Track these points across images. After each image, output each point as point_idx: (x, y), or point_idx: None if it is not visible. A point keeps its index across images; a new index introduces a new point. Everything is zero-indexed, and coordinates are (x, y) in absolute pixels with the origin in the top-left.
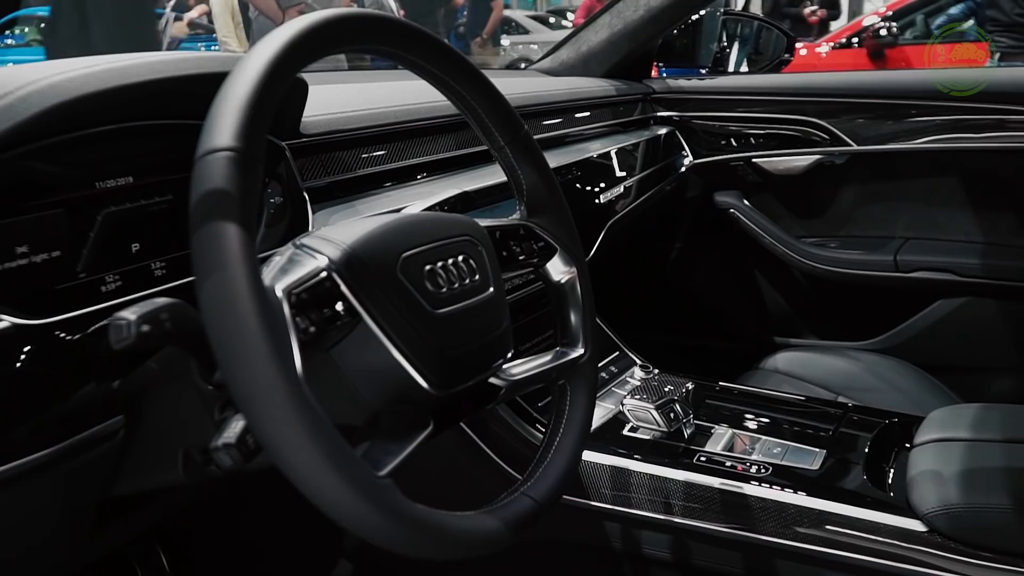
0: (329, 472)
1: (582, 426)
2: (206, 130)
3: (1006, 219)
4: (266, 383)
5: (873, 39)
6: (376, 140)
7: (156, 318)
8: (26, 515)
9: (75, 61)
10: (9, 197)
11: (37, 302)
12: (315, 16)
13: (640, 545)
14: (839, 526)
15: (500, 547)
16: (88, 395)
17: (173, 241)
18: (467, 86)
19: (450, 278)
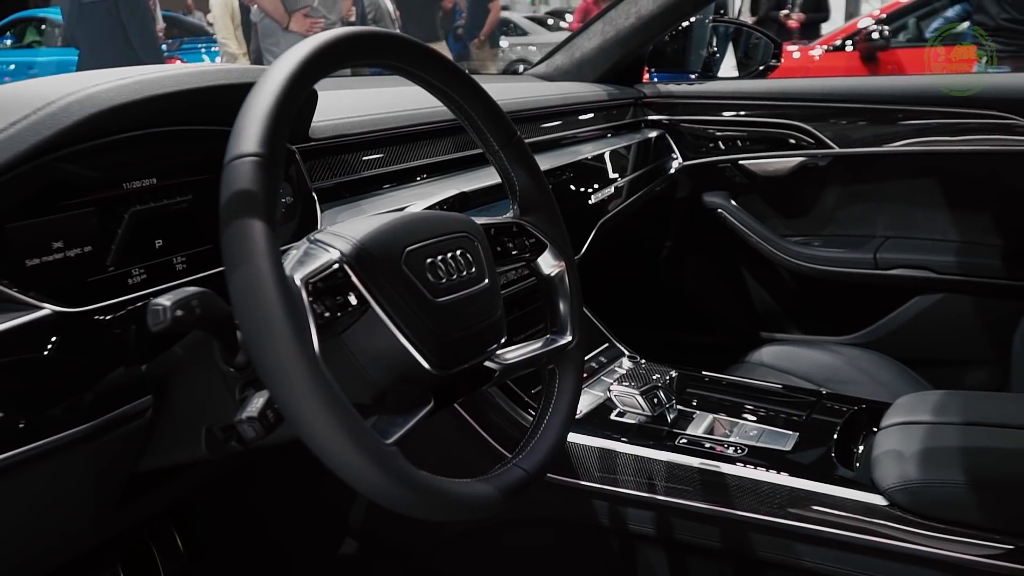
0: (343, 439)
1: (569, 407)
2: (233, 137)
3: (980, 219)
4: (289, 361)
5: (865, 42)
6: (378, 143)
7: (188, 304)
8: (62, 487)
9: (108, 73)
10: (47, 197)
11: (72, 293)
12: (327, 35)
13: (626, 522)
14: (808, 502)
15: (493, 511)
16: (119, 377)
17: (192, 237)
18: (464, 95)
19: (449, 270)
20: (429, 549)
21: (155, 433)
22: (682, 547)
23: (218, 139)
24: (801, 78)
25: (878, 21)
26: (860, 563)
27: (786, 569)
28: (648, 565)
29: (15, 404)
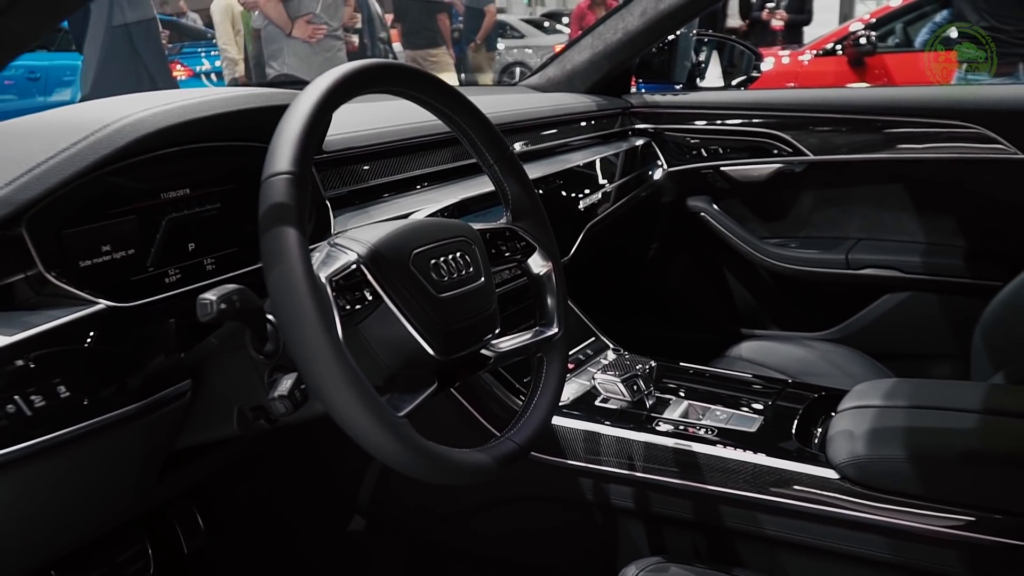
0: (362, 410)
1: (555, 390)
2: (269, 157)
3: (945, 222)
4: (318, 347)
5: (853, 47)
6: (384, 155)
7: (230, 299)
8: (113, 459)
9: (153, 97)
10: (97, 206)
11: (117, 290)
12: (346, 67)
13: (608, 497)
14: (770, 477)
15: (489, 477)
16: (162, 363)
17: (221, 241)
18: (463, 116)
19: (450, 270)
20: (429, 525)
21: (192, 413)
22: (658, 519)
23: (243, 153)
24: (779, 89)
25: (867, 26)
26: (814, 531)
27: (750, 537)
28: (628, 536)
29: (78, 385)
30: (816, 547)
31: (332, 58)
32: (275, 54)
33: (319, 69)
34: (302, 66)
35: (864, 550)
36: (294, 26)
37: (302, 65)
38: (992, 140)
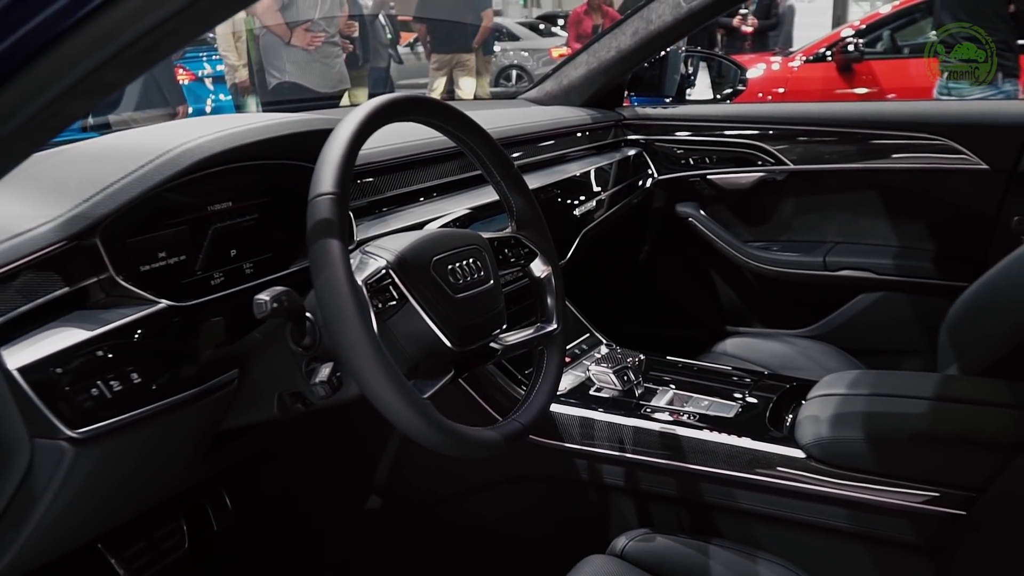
0: (394, 393)
1: (554, 378)
2: (315, 180)
3: (915, 227)
4: (358, 340)
5: (841, 54)
6: (398, 168)
7: (280, 299)
8: (171, 436)
9: (205, 124)
10: (155, 218)
11: (171, 292)
12: (378, 100)
13: (601, 476)
14: (744, 456)
15: (497, 452)
16: (213, 355)
17: (258, 248)
18: (474, 139)
19: (464, 273)
20: (439, 503)
21: (238, 398)
22: (646, 495)
23: (276, 170)
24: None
25: (856, 33)
26: (784, 504)
27: (727, 510)
28: (619, 511)
29: (147, 372)
30: (785, 519)
31: (330, 65)
32: (274, 61)
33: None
34: (301, 73)
35: (827, 521)
36: (293, 34)
37: (301, 72)
38: (957, 151)
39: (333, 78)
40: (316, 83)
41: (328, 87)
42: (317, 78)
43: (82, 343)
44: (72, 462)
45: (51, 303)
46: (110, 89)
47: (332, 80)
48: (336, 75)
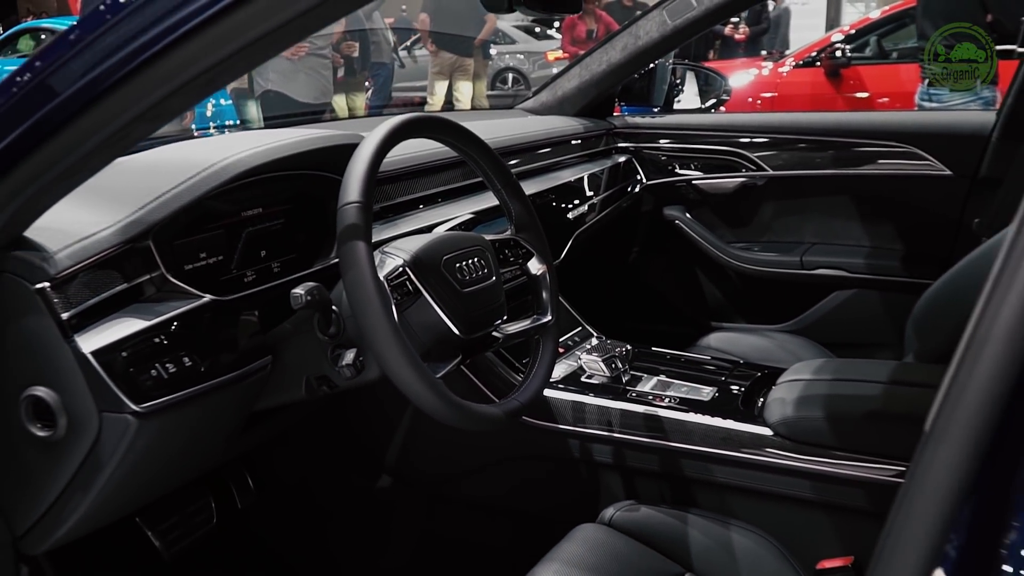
0: (411, 372)
1: (549, 364)
2: (343, 190)
3: (885, 228)
4: (382, 328)
5: (829, 60)
6: (407, 176)
7: (312, 292)
8: (213, 414)
9: (244, 139)
10: (197, 223)
11: (210, 288)
12: (396, 120)
13: (591, 454)
14: (719, 434)
15: (498, 426)
16: (250, 343)
17: (284, 248)
18: (478, 153)
19: (470, 271)
20: (443, 481)
21: (270, 381)
22: (631, 471)
23: (301, 180)
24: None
25: (846, 38)
26: (754, 477)
27: (703, 483)
28: (607, 485)
29: (197, 356)
30: (755, 490)
31: (315, 76)
32: (260, 69)
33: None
34: (284, 82)
35: (793, 491)
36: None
37: (284, 81)
38: (923, 158)
39: (317, 89)
40: (299, 93)
41: (311, 98)
42: (301, 88)
43: (142, 331)
44: (135, 433)
45: (113, 297)
46: (173, 115)
47: (315, 91)
48: (320, 87)
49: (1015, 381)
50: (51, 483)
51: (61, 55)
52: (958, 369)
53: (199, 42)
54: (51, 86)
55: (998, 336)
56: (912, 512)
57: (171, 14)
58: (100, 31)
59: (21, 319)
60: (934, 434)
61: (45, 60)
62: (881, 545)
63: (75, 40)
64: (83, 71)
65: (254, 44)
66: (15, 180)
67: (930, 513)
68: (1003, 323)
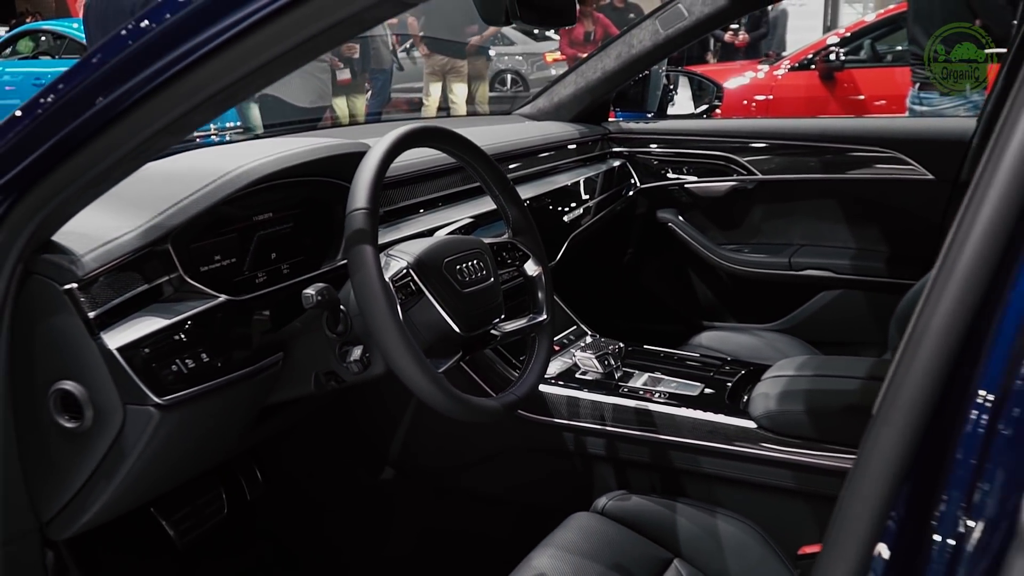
0: (416, 368)
1: (544, 361)
2: (351, 196)
3: (870, 231)
4: (388, 326)
5: (824, 63)
6: (408, 181)
7: (323, 293)
8: (230, 408)
9: (257, 148)
10: (212, 227)
11: (224, 288)
12: (401, 131)
13: (585, 446)
14: (706, 427)
15: (496, 418)
16: (262, 340)
17: (293, 251)
18: (478, 161)
19: (469, 272)
20: (446, 473)
21: (281, 377)
22: (623, 462)
23: (309, 186)
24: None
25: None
26: (738, 467)
27: (691, 474)
28: (600, 475)
29: (213, 352)
30: (740, 480)
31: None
32: None
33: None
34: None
35: (775, 481)
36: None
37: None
38: (907, 163)
39: (314, 93)
40: (296, 97)
41: (307, 102)
42: (298, 92)
43: (162, 329)
44: (157, 424)
45: (135, 297)
46: (194, 128)
47: (312, 95)
48: (318, 91)
49: (947, 371)
50: (77, 472)
51: (85, 77)
52: (900, 360)
53: (218, 63)
54: (76, 105)
55: (934, 331)
56: (858, 491)
57: (190, 37)
58: (123, 55)
59: (50, 318)
60: (879, 418)
61: (69, 83)
62: (832, 524)
63: (98, 63)
64: (106, 92)
65: (270, 64)
66: (44, 190)
67: (874, 491)
68: (938, 320)
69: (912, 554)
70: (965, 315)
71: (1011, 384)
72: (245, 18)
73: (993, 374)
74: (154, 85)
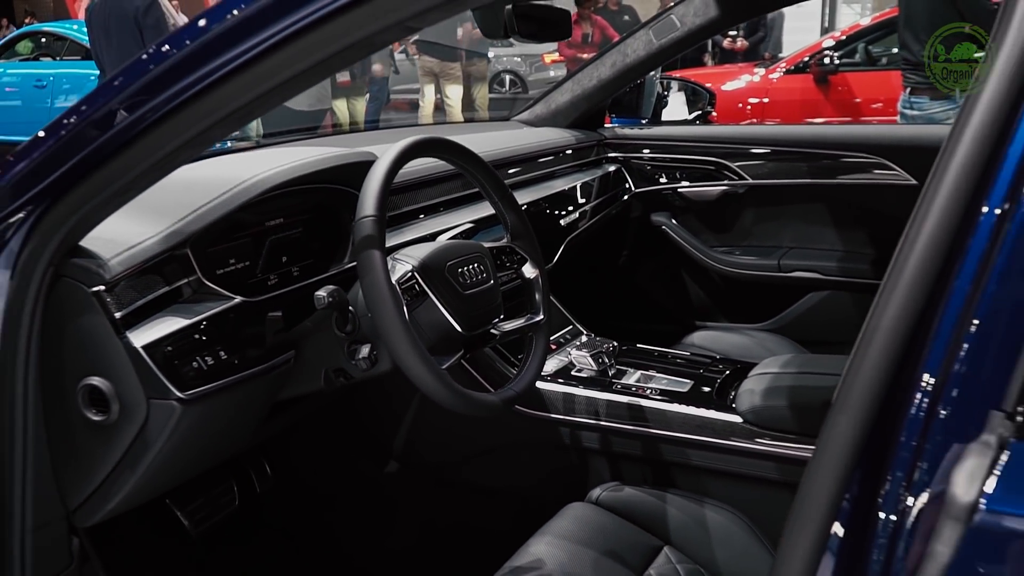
0: (421, 365)
1: (541, 358)
2: (360, 204)
3: (856, 234)
4: (395, 326)
5: (818, 67)
6: (410, 187)
7: (334, 294)
8: (245, 403)
9: (271, 157)
10: (228, 232)
11: (240, 290)
12: (407, 142)
13: (581, 440)
14: (695, 422)
15: (496, 412)
16: (275, 339)
17: (303, 254)
18: (478, 170)
19: (471, 275)
20: (448, 466)
21: (292, 373)
22: (616, 455)
23: (318, 192)
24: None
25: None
26: (725, 460)
27: (681, 466)
28: (595, 468)
29: (231, 350)
30: (727, 472)
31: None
32: None
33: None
34: None
35: (760, 473)
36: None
37: None
38: (891, 168)
39: (312, 96)
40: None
41: (306, 105)
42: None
43: (184, 328)
44: (179, 417)
45: (157, 298)
46: (214, 142)
47: (311, 98)
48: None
49: (895, 364)
50: (103, 463)
51: (108, 99)
52: (855, 354)
53: (235, 85)
54: (101, 123)
55: (884, 328)
56: (816, 474)
57: (209, 60)
58: (145, 79)
59: (79, 318)
60: (835, 408)
61: (92, 104)
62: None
63: (120, 86)
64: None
65: (284, 84)
66: (74, 199)
67: (830, 475)
68: (888, 318)
69: (861, 531)
70: (910, 317)
71: (949, 369)
72: (259, 44)
73: (933, 364)
74: (175, 104)
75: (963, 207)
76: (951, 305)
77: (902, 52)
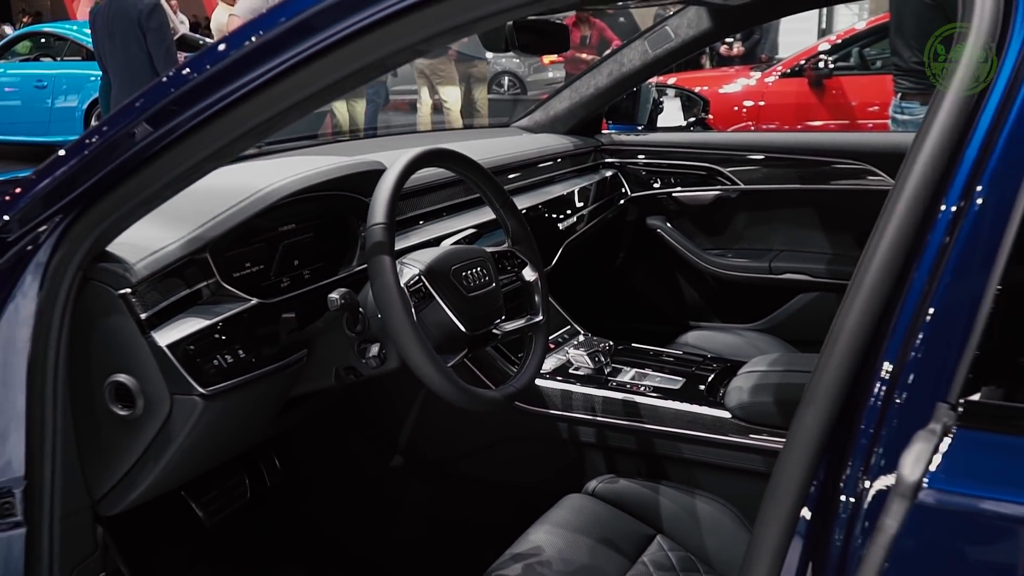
0: (428, 362)
1: (540, 357)
2: (371, 212)
3: (844, 237)
4: (404, 326)
5: (813, 70)
6: (414, 193)
7: (345, 296)
8: (260, 399)
9: (285, 167)
10: (244, 237)
11: (255, 292)
12: (415, 152)
13: (578, 435)
14: (686, 417)
15: (498, 407)
16: (289, 338)
17: (314, 258)
18: (480, 178)
19: (474, 278)
20: (451, 460)
21: (304, 371)
22: (612, 449)
23: (329, 199)
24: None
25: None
26: (714, 453)
27: (673, 459)
28: (591, 461)
29: (248, 349)
30: (717, 465)
31: None
32: None
33: None
34: None
35: (748, 466)
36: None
37: None
38: (876, 175)
39: None
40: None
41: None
42: None
43: (204, 328)
44: (200, 412)
45: (178, 300)
46: (235, 155)
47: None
48: None
49: (858, 360)
50: (127, 455)
51: (132, 119)
52: (823, 352)
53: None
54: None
55: (848, 330)
56: (786, 464)
57: (231, 80)
58: (165, 100)
59: (106, 319)
60: (805, 400)
61: (114, 125)
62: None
63: (141, 108)
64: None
65: (302, 102)
66: (103, 208)
67: (798, 463)
68: (851, 320)
69: (824, 513)
70: (872, 314)
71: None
72: (277, 66)
73: (892, 355)
74: (199, 120)
75: (924, 207)
76: (909, 299)
77: (893, 58)
